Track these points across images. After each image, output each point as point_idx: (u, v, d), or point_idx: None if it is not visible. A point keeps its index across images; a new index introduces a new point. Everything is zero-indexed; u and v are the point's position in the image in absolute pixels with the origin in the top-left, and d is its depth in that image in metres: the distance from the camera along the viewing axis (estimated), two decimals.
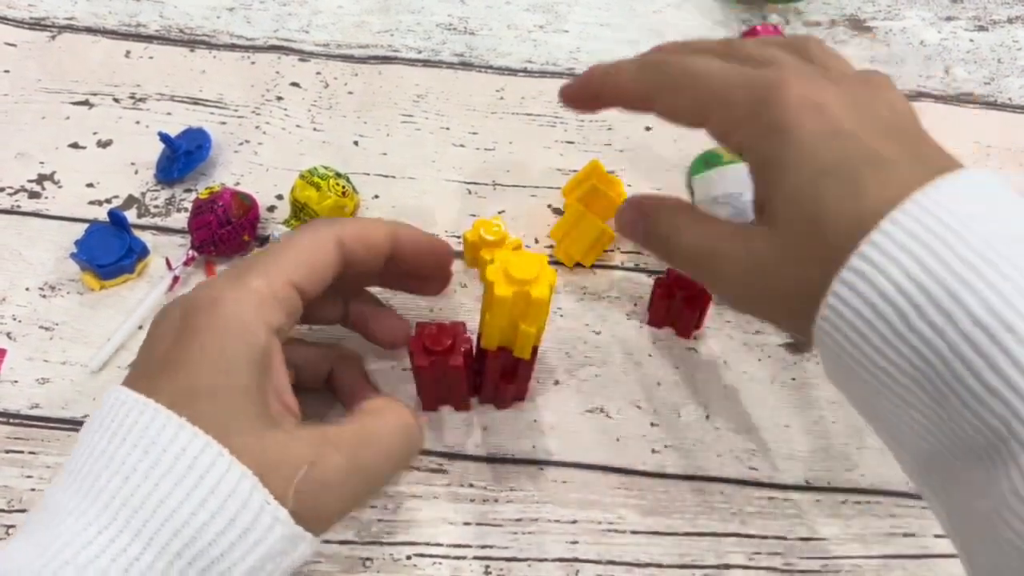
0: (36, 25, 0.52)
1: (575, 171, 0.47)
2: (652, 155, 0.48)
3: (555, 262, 0.43)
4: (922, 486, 0.27)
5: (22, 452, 0.37)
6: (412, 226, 0.36)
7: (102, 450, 0.27)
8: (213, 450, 0.26)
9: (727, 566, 0.36)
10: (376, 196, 0.46)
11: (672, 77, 0.32)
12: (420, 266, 0.36)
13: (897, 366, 0.25)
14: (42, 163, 0.46)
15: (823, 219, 0.27)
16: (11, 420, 0.38)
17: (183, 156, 0.45)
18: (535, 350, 0.35)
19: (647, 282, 0.43)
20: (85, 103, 0.48)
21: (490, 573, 0.35)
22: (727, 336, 0.42)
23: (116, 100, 0.49)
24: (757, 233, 0.29)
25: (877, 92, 0.30)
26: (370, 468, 0.30)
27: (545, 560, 0.35)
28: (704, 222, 0.32)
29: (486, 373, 0.36)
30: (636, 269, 0.44)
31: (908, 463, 0.28)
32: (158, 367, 0.28)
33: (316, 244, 0.32)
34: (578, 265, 0.43)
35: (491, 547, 0.36)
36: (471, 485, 0.37)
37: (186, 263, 0.42)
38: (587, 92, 0.36)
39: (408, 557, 0.35)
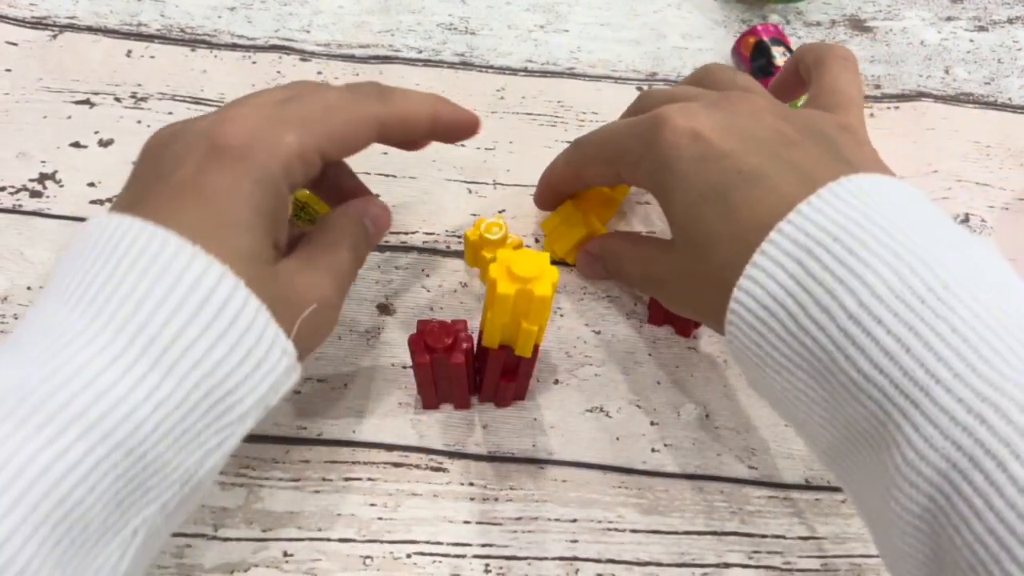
0: (37, 24, 0.52)
1: None
2: None
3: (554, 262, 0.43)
4: (835, 476, 0.30)
5: None
6: (450, 102, 0.35)
7: (109, 275, 0.26)
8: (230, 282, 0.26)
9: (727, 565, 0.36)
10: (377, 195, 0.46)
11: (584, 151, 0.38)
12: (447, 140, 0.37)
13: (794, 362, 0.28)
14: (43, 162, 0.46)
15: (705, 243, 0.31)
16: None
17: None
18: (536, 348, 0.35)
19: None
20: (86, 102, 0.48)
21: (490, 571, 0.35)
22: None
23: (117, 99, 0.49)
24: (669, 254, 0.34)
25: (754, 108, 0.32)
26: (350, 274, 0.33)
27: (545, 559, 0.35)
28: (638, 246, 0.38)
29: (487, 371, 0.36)
30: None
31: (820, 455, 0.30)
32: (176, 191, 0.28)
33: (357, 121, 0.32)
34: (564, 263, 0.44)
35: (491, 545, 0.36)
36: (471, 484, 0.37)
37: None
38: (549, 195, 0.42)
39: (408, 555, 0.35)
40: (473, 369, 0.37)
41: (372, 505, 0.36)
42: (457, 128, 0.36)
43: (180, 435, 0.26)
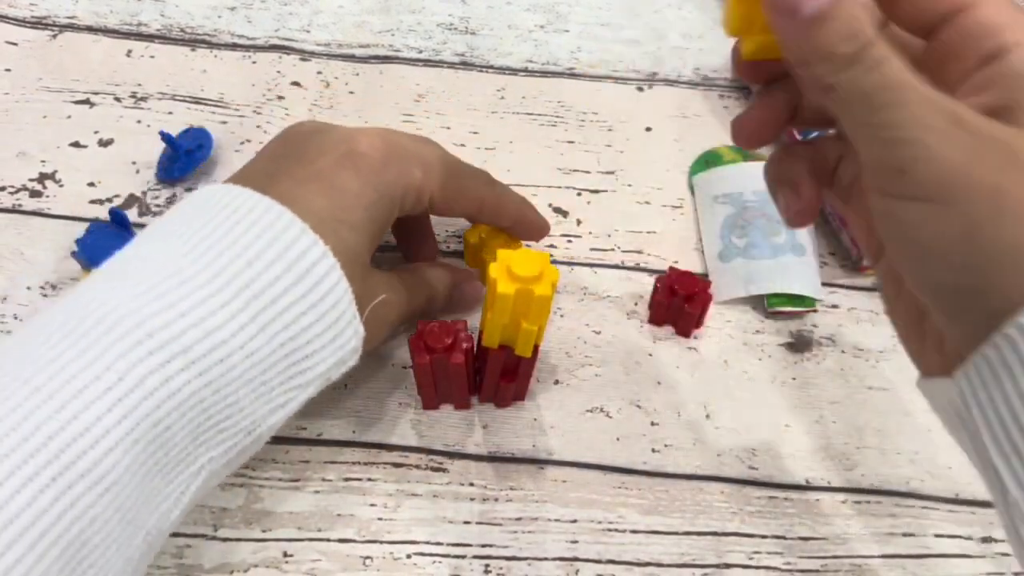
0: (37, 24, 0.52)
1: (576, 171, 0.47)
2: (652, 155, 0.48)
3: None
4: None
5: None
6: (533, 208, 0.40)
7: (227, 234, 0.29)
8: (329, 262, 0.30)
9: (727, 565, 0.36)
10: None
11: None
12: (518, 236, 0.40)
13: None
14: (43, 162, 0.46)
15: None
16: None
17: (184, 155, 0.45)
18: (536, 348, 0.35)
19: (647, 282, 0.43)
20: (86, 102, 0.48)
21: (490, 572, 0.35)
22: (727, 336, 0.42)
23: (117, 99, 0.49)
24: (987, 124, 0.21)
25: None
26: (415, 311, 0.37)
27: (545, 559, 0.35)
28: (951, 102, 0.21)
29: (487, 371, 0.36)
30: (636, 268, 0.44)
31: None
32: (311, 176, 0.32)
33: (469, 191, 0.37)
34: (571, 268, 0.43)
35: (491, 546, 0.36)
36: (471, 484, 0.37)
37: None
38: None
39: (408, 556, 0.35)
40: (473, 369, 0.37)
41: (372, 505, 0.36)
42: (530, 231, 0.40)
43: (259, 385, 0.29)
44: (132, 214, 0.44)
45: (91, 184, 0.45)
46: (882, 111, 0.21)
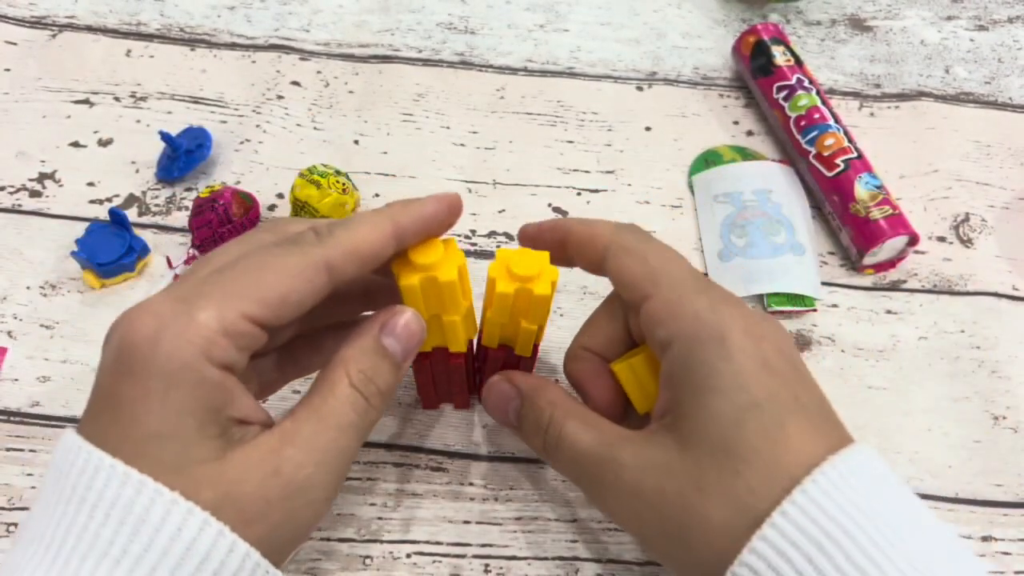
0: (37, 24, 0.52)
1: (575, 170, 0.47)
2: (652, 154, 0.48)
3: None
4: None
5: (22, 450, 0.37)
6: (410, 205, 0.30)
7: (72, 521, 0.24)
8: (182, 507, 0.24)
9: None
10: (377, 195, 0.46)
11: (643, 247, 0.32)
12: (435, 235, 0.31)
13: None
14: (43, 162, 0.46)
15: (742, 456, 0.26)
16: (12, 418, 0.38)
17: (184, 155, 0.45)
18: (536, 348, 0.35)
19: None
20: (86, 102, 0.48)
21: (490, 571, 0.35)
22: None
23: (117, 99, 0.49)
24: (661, 444, 0.28)
25: (782, 331, 0.30)
26: (332, 452, 0.27)
27: (545, 559, 0.35)
28: (596, 421, 0.30)
29: (486, 371, 0.36)
30: None
31: None
32: (101, 406, 0.26)
33: (295, 271, 0.27)
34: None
35: (491, 545, 0.36)
36: (471, 484, 0.37)
37: (187, 262, 0.42)
38: (534, 237, 0.34)
39: (408, 555, 0.35)
40: (473, 369, 0.37)
41: (372, 505, 0.36)
42: (433, 222, 0.30)
43: None
44: (132, 214, 0.44)
45: (90, 184, 0.45)
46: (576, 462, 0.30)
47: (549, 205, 0.46)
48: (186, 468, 0.25)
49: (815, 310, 0.43)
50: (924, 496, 0.38)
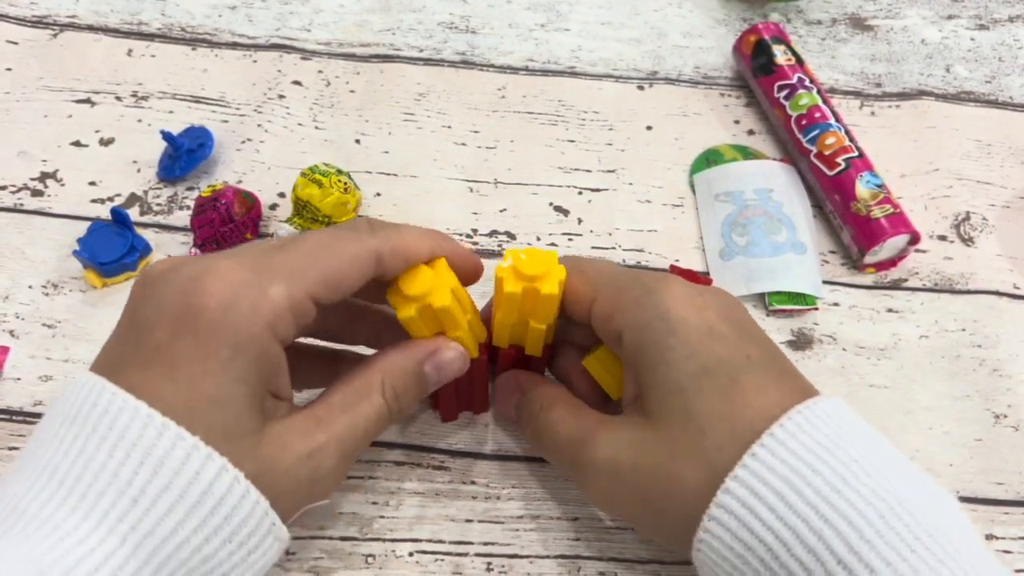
0: (38, 23, 0.52)
1: (577, 169, 0.47)
2: (653, 153, 0.48)
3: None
4: None
5: None
6: (455, 242, 0.32)
7: (102, 464, 0.24)
8: (240, 487, 0.25)
9: None
10: (378, 194, 0.46)
11: (578, 262, 0.33)
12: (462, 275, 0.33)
13: None
14: (44, 161, 0.46)
15: (702, 420, 0.28)
16: (14, 417, 0.38)
17: (185, 154, 0.45)
18: (547, 347, 0.34)
19: None
20: (87, 101, 0.48)
21: (492, 570, 0.35)
22: None
23: (118, 98, 0.49)
24: (639, 429, 0.29)
25: (728, 298, 0.31)
26: (353, 451, 0.29)
27: (547, 557, 0.35)
28: (579, 408, 0.32)
29: (498, 372, 0.36)
30: (637, 267, 0.44)
31: None
32: (151, 358, 0.26)
33: (353, 256, 0.28)
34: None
35: (493, 544, 0.36)
36: (473, 482, 0.37)
37: None
38: None
39: (410, 554, 0.35)
40: (490, 372, 0.37)
41: (374, 503, 0.36)
42: (463, 264, 0.32)
43: None
44: (134, 213, 0.44)
45: (92, 183, 0.45)
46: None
47: (550, 204, 0.46)
48: (234, 437, 0.26)
49: (816, 309, 0.43)
50: None
